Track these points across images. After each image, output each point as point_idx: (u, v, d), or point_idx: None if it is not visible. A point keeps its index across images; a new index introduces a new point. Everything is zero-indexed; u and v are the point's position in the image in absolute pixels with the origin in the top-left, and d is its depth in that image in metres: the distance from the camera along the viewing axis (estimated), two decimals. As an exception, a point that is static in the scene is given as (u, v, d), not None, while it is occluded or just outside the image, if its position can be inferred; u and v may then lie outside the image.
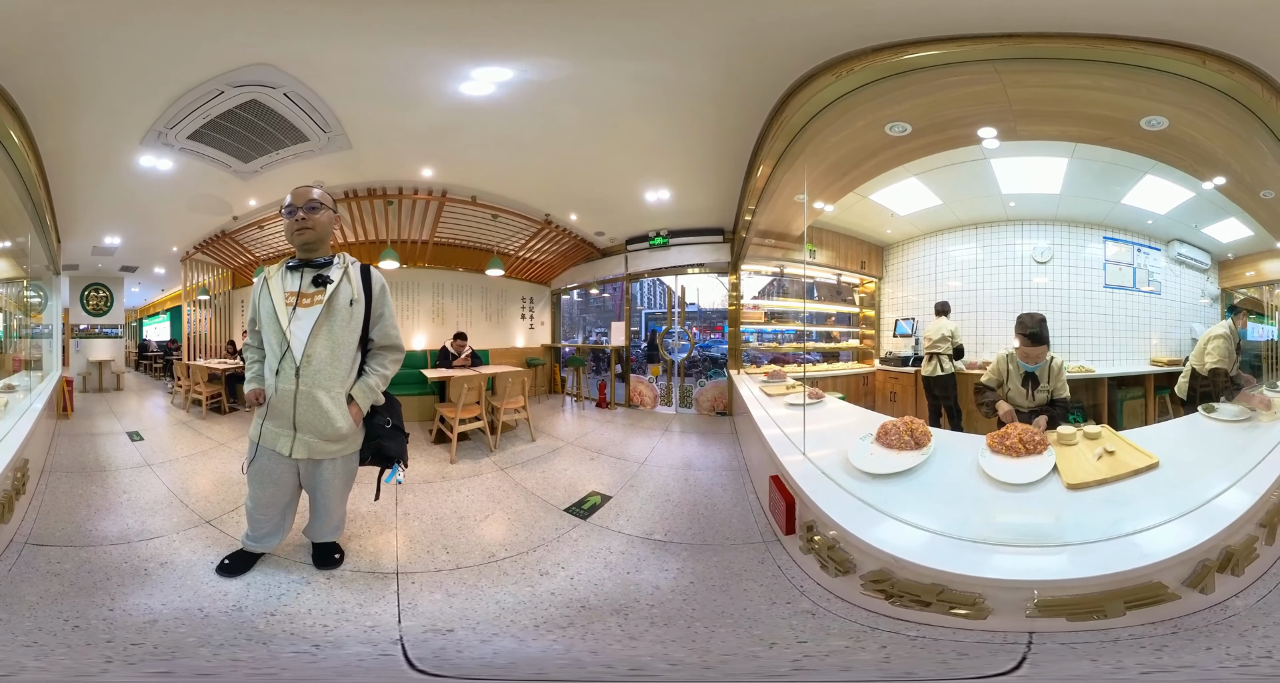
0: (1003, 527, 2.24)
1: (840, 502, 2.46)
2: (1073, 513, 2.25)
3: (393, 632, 2.05)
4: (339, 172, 4.30)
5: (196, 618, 2.07)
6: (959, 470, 2.63)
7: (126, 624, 2.00)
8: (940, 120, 3.37)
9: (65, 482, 3.40)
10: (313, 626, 2.06)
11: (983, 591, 1.96)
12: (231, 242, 5.60)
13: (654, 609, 2.22)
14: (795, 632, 2.08)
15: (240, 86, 3.21)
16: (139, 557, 2.49)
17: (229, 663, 1.85)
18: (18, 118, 3.21)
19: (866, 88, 2.99)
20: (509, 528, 3.01)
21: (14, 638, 1.88)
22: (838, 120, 3.19)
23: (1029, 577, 1.96)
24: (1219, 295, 3.86)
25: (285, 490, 2.35)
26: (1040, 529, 2.19)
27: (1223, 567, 1.95)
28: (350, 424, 2.28)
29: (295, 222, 2.23)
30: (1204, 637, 1.87)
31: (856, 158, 3.79)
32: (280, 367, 2.19)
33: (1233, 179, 3.39)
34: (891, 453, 2.74)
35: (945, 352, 4.14)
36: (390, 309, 2.36)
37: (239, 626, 2.04)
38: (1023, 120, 3.31)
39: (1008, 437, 2.67)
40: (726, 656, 1.95)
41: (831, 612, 2.17)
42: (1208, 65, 2.58)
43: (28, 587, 2.21)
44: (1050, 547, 2.09)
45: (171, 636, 1.95)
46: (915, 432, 2.79)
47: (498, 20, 2.66)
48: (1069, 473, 2.46)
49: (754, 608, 2.22)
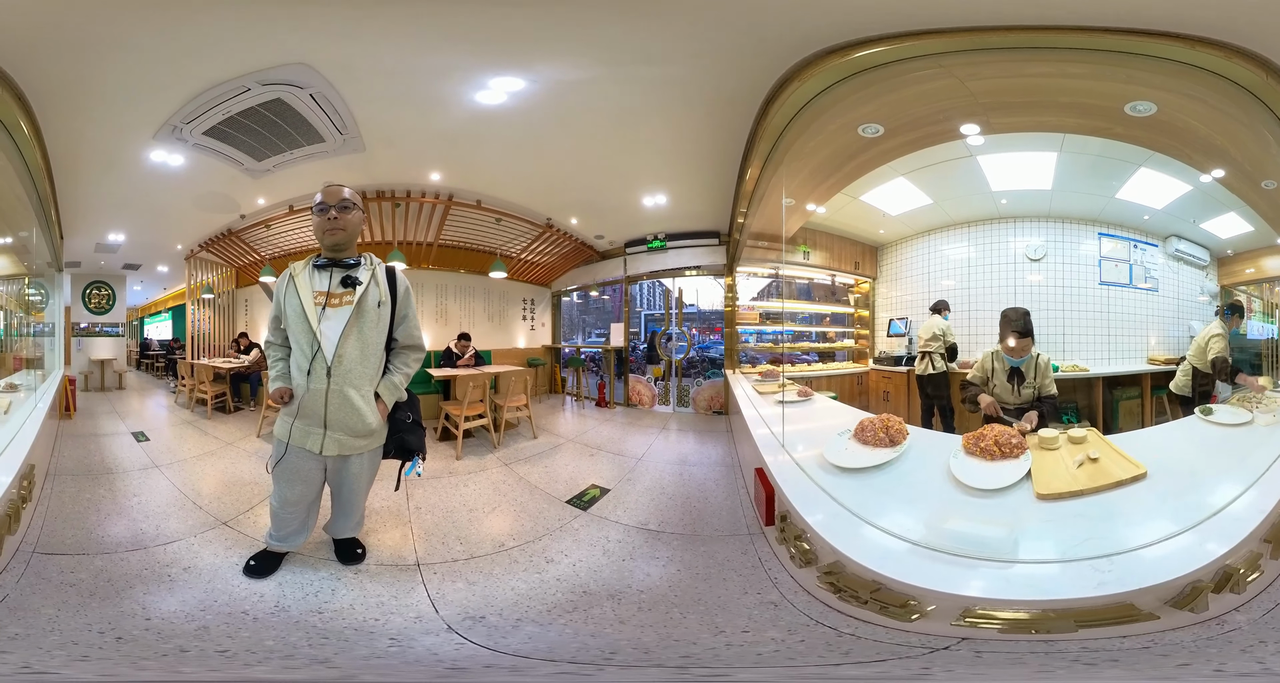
0: (949, 533, 2.12)
1: (809, 495, 2.49)
2: (1036, 525, 2.13)
3: (437, 621, 2.09)
4: (350, 173, 4.32)
5: (246, 621, 2.04)
6: (930, 471, 2.59)
7: (175, 632, 1.95)
8: (909, 119, 3.31)
9: (71, 486, 3.33)
10: (365, 620, 2.08)
11: (915, 595, 1.93)
12: (237, 240, 5.63)
13: (643, 595, 2.31)
14: (748, 621, 2.11)
15: (269, 85, 3.22)
16: (159, 562, 2.46)
17: (313, 663, 1.82)
18: (25, 109, 3.15)
19: (829, 91, 2.98)
20: (515, 519, 3.09)
21: (45, 651, 1.80)
22: (812, 124, 3.19)
23: (961, 591, 1.89)
24: (1218, 293, 3.79)
25: (313, 488, 2.39)
26: (989, 541, 2.06)
27: (1219, 588, 1.80)
28: (379, 420, 2.34)
29: (327, 220, 2.25)
30: (1184, 652, 1.73)
31: (836, 161, 3.79)
32: (311, 366, 2.21)
33: (1233, 169, 3.27)
34: (866, 449, 2.75)
35: (937, 350, 4.16)
36: (414, 310, 2.43)
37: (293, 626, 2.03)
38: (994, 113, 3.23)
39: (983, 438, 2.59)
40: (677, 641, 1.99)
41: (792, 603, 2.22)
42: (1197, 49, 2.40)
43: (41, 598, 2.13)
44: (993, 561, 1.98)
45: (236, 641, 1.91)
46: (891, 429, 2.79)
47: (516, 30, 2.72)
48: (1042, 481, 2.33)
49: (727, 597, 2.29)
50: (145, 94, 3.26)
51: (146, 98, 3.30)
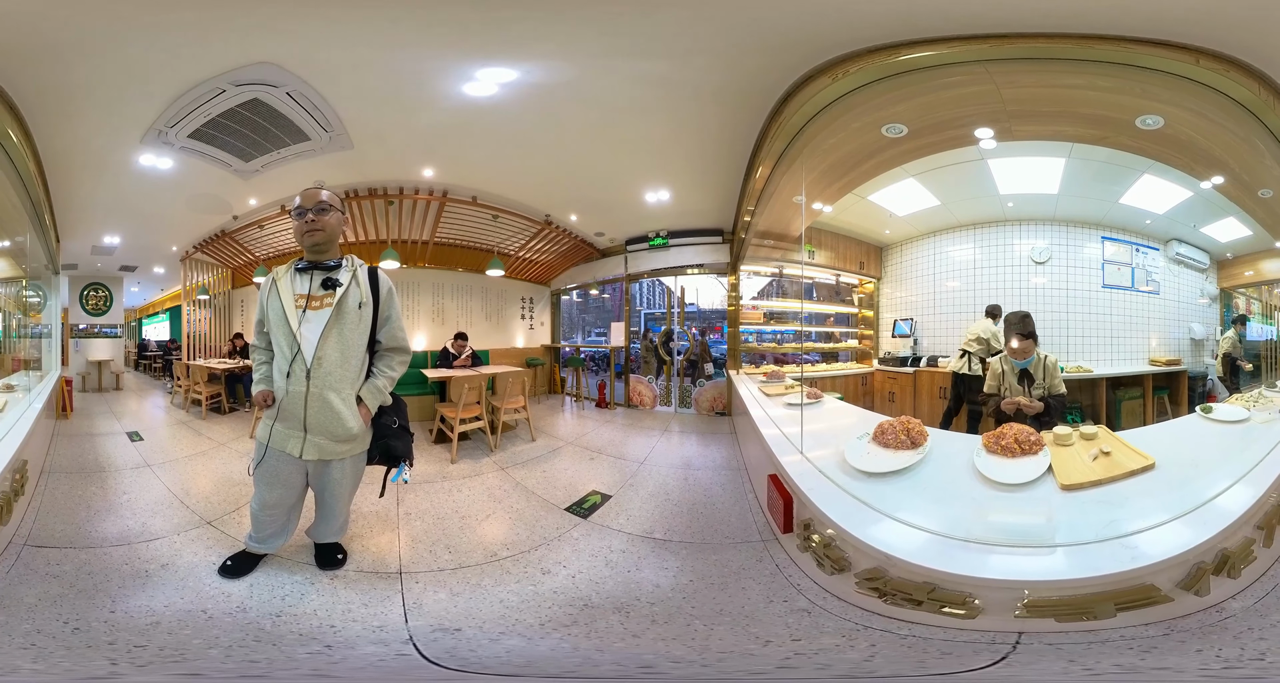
0: (995, 527, 2.23)
1: (836, 500, 2.47)
2: (1066, 514, 2.24)
3: (401, 632, 2.05)
4: (340, 171, 4.29)
5: (200, 620, 2.06)
6: (954, 470, 2.64)
7: (128, 626, 1.99)
8: (936, 121, 3.37)
9: (65, 483, 3.37)
10: (320, 626, 2.07)
11: (973, 590, 1.96)
12: (231, 241, 5.59)
13: (654, 607, 2.24)
14: (790, 630, 2.08)
15: (242, 85, 3.20)
16: (140, 558, 2.48)
17: (244, 663, 1.85)
18: (15, 116, 3.18)
19: (863, 89, 3.00)
20: (510, 527, 3.02)
21: (11, 640, 1.86)
22: (835, 122, 3.20)
23: (1018, 577, 1.95)
24: (1218, 295, 3.89)
25: (293, 492, 2.37)
26: (1032, 530, 2.18)
27: (1218, 569, 1.94)
28: (360, 424, 2.30)
29: (305, 223, 2.24)
30: (1196, 639, 1.85)
31: (854, 159, 3.80)
32: (291, 369, 2.20)
33: (1230, 178, 3.40)
34: (888, 452, 2.74)
35: (980, 353, 4.14)
36: (397, 312, 2.39)
37: (244, 627, 2.03)
38: (1018, 120, 3.31)
39: (1003, 437, 2.67)
40: (723, 653, 1.96)
41: (826, 610, 2.18)
42: (1202, 64, 2.57)
43: (26, 588, 2.18)
44: (1042, 547, 2.08)
45: (176, 637, 1.95)
46: (912, 431, 2.80)
47: (501, 21, 2.66)
48: (1064, 474, 2.45)
49: (751, 606, 2.24)
50: (127, 98, 3.25)
51: (129, 102, 3.30)
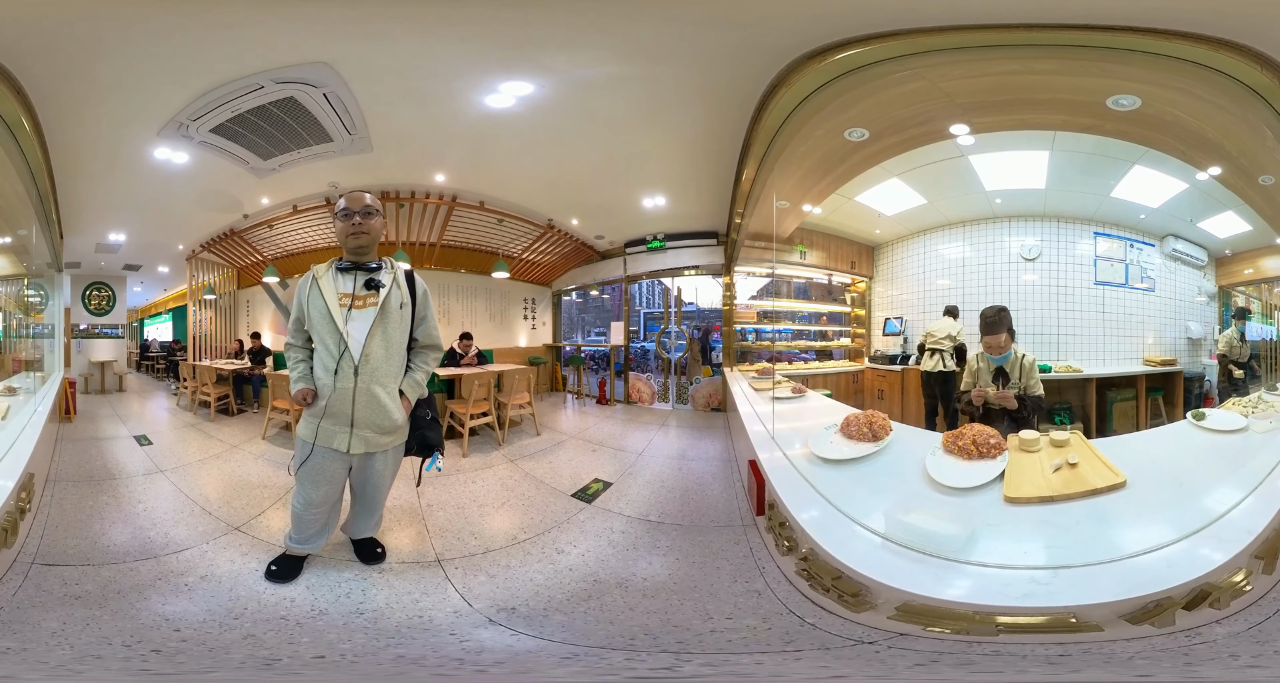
0: (909, 528, 2.12)
1: (793, 485, 2.57)
2: (993, 530, 2.10)
3: (475, 615, 2.11)
4: (355, 173, 4.36)
5: (289, 627, 1.99)
6: (906, 466, 2.62)
7: (216, 642, 1.86)
8: (892, 122, 3.29)
9: (73, 492, 3.18)
10: (409, 618, 2.08)
11: (866, 586, 1.97)
12: (240, 240, 5.62)
13: (646, 583, 2.39)
14: (733, 608, 2.18)
15: (284, 83, 3.19)
16: (172, 571, 2.36)
17: (388, 662, 1.82)
18: (26, 105, 3.05)
19: (817, 94, 2.98)
20: (524, 513, 3.16)
21: (44, 666, 1.69)
22: (802, 128, 3.20)
23: (896, 584, 1.93)
24: (1216, 293, 3.77)
25: (337, 488, 2.43)
26: (944, 540, 2.04)
27: (1196, 603, 1.76)
28: (403, 416, 2.40)
29: (351, 225, 2.32)
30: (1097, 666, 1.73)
31: (827, 164, 3.78)
32: (339, 365, 2.26)
33: (1229, 165, 3.19)
34: (849, 442, 2.83)
35: (948, 350, 4.09)
36: (432, 312, 2.52)
37: (342, 629, 2.00)
38: (973, 113, 3.20)
39: (961, 437, 2.59)
40: (676, 627, 2.05)
41: (773, 592, 2.28)
42: (1175, 42, 2.37)
43: (43, 612, 1.98)
44: (940, 559, 2.00)
45: (279, 648, 1.85)
46: (874, 424, 2.86)
47: (530, 32, 2.75)
48: (1013, 484, 2.30)
49: (718, 585, 2.36)
50: (151, 90, 3.20)
51: (152, 94, 3.25)
